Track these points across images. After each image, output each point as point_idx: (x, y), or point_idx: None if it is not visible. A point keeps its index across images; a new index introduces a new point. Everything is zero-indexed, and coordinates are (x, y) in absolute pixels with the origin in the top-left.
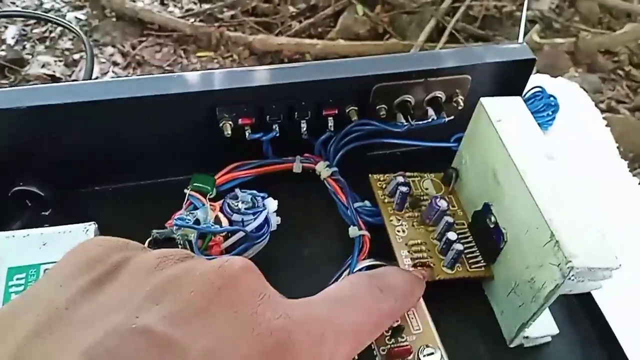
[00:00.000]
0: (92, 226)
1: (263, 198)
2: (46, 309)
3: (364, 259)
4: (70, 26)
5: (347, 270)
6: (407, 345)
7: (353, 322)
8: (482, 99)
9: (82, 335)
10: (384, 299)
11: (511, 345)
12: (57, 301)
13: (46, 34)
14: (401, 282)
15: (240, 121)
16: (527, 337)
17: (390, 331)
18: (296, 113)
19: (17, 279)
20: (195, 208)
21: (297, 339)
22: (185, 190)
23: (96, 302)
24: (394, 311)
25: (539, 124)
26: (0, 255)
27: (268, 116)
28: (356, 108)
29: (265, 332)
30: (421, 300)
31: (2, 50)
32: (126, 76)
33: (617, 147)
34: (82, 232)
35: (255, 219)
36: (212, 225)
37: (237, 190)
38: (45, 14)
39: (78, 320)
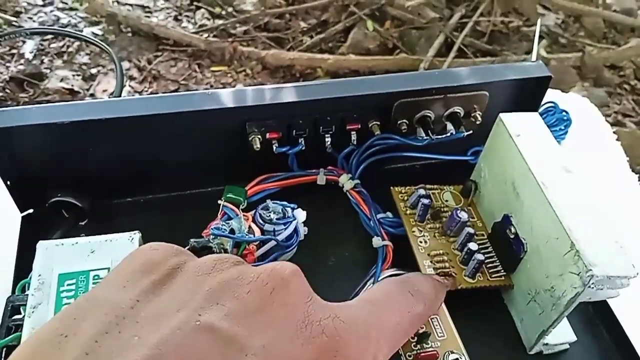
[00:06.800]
0: (136, 235)
1: (293, 209)
2: (113, 309)
3: (387, 269)
4: (101, 44)
5: (372, 280)
6: (433, 351)
7: (390, 323)
8: (502, 115)
9: (149, 332)
10: (415, 303)
11: (531, 352)
12: (122, 301)
13: (64, 49)
14: (427, 287)
15: (268, 135)
16: (546, 344)
17: (416, 337)
18: (321, 127)
19: (68, 285)
20: (229, 218)
21: (346, 338)
22: (219, 202)
23: (159, 302)
24: (423, 315)
25: None
26: (51, 262)
27: (294, 130)
28: (378, 123)
29: (317, 331)
30: (444, 308)
31: (21, 64)
32: (142, 90)
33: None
34: (128, 241)
35: (285, 228)
36: (246, 235)
37: (269, 201)
38: (80, 33)
39: (143, 318)
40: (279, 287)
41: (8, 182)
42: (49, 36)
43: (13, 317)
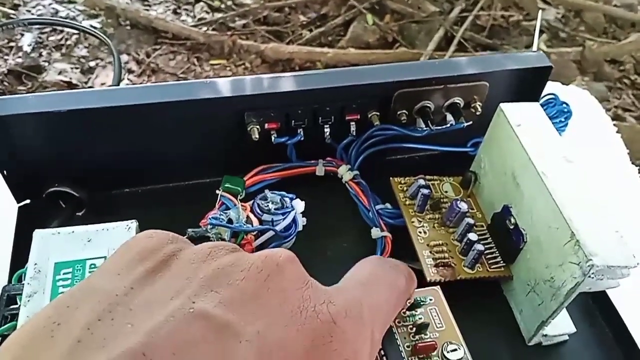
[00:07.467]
0: (133, 223)
1: (291, 199)
2: (106, 296)
3: None
4: (100, 35)
5: None
6: (431, 342)
7: (381, 301)
8: (502, 105)
9: (142, 319)
10: (397, 275)
11: (530, 344)
12: (116, 289)
13: (62, 42)
14: (401, 264)
15: (267, 125)
16: (545, 336)
17: (415, 328)
18: (320, 118)
19: (64, 274)
20: (227, 208)
21: (341, 323)
22: (217, 192)
23: (153, 290)
24: (407, 289)
25: None
26: (47, 251)
27: (293, 121)
28: (378, 113)
29: (312, 316)
30: (443, 299)
31: (19, 57)
32: (141, 83)
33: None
34: (125, 230)
35: (284, 219)
36: (244, 225)
37: (267, 192)
38: (78, 24)
39: (137, 306)
40: (274, 274)
41: (4, 172)
42: (47, 29)
43: (9, 307)
